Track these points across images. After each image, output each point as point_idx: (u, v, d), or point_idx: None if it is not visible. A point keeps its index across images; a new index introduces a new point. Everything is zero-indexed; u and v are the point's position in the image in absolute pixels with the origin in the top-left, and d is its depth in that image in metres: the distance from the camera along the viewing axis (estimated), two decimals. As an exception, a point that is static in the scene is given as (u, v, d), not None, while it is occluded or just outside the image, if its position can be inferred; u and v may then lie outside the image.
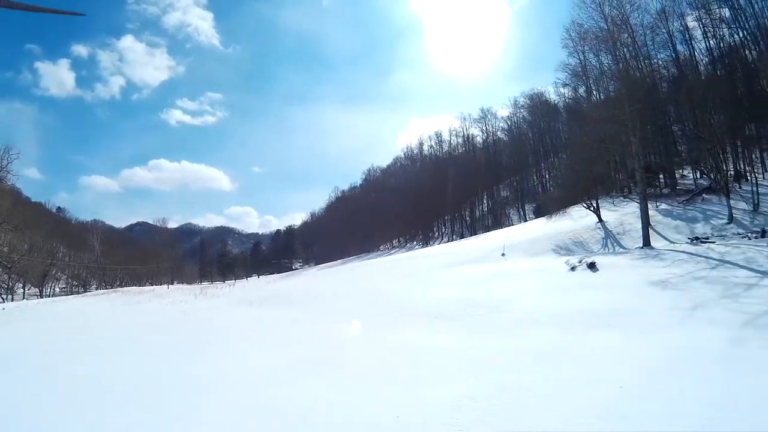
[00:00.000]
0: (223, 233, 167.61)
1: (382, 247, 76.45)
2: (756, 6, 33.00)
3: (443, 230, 74.56)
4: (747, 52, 33.05)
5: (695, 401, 5.03)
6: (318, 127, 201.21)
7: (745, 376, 6.05)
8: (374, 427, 4.79)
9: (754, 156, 33.68)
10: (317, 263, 75.72)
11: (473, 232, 58.29)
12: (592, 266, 15.45)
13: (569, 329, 8.94)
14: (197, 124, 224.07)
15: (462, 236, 60.18)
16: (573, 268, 15.75)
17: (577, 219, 29.41)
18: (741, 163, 31.86)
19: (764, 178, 30.89)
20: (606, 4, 25.88)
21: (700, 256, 16.11)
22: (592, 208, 27.90)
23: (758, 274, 13.19)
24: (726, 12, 35.58)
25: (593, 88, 27.48)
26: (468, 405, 5.15)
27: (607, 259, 16.21)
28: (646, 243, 19.78)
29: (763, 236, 18.94)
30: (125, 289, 42.17)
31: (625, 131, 21.50)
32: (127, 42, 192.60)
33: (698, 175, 30.66)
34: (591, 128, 26.04)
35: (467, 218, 72.02)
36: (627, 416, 4.70)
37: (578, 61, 26.08)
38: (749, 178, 27.49)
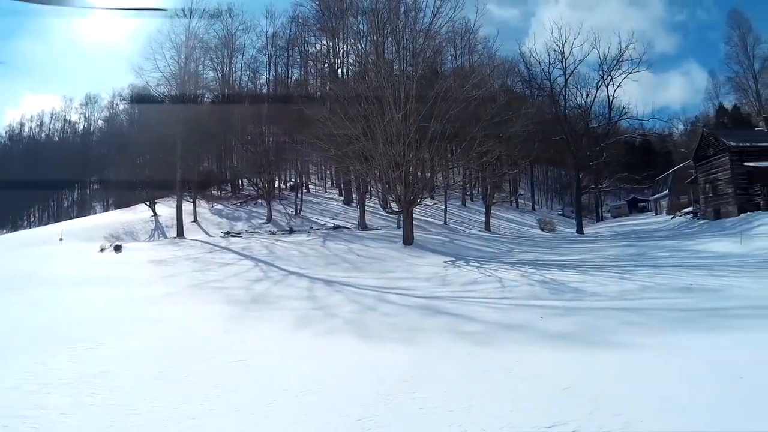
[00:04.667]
0: None
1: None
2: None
3: (32, 219, 71.61)
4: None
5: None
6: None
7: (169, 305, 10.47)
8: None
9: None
10: None
11: (58, 221, 53.92)
12: (117, 248, 19.22)
13: (64, 287, 11.99)
14: None
15: (47, 224, 55.47)
16: (102, 250, 18.99)
17: (139, 213, 33.52)
18: (300, 177, 42.93)
19: (322, 193, 43.46)
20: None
21: (212, 244, 21.42)
22: (148, 204, 31.89)
23: (240, 257, 18.83)
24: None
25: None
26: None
27: (137, 245, 20.00)
28: (179, 234, 24.79)
29: (290, 233, 24.54)
30: None
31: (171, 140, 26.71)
32: None
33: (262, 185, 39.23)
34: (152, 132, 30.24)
35: (54, 208, 72.38)
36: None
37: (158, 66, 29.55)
38: (309, 189, 37.54)
